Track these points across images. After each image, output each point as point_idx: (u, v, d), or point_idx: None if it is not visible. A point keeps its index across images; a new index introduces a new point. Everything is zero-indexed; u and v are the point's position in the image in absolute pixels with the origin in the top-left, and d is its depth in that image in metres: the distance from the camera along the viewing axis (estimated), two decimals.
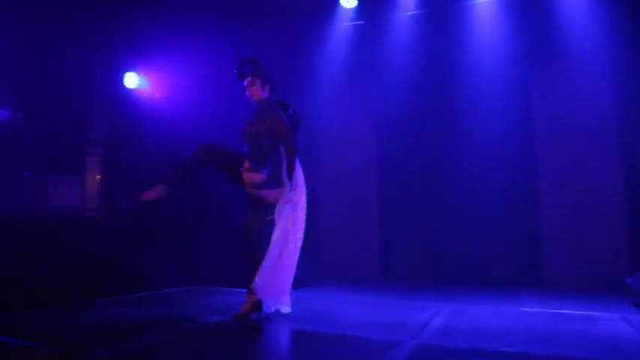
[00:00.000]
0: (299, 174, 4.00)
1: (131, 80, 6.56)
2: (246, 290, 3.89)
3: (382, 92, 6.86)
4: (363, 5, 6.59)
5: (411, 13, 6.49)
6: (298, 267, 5.59)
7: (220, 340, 3.28)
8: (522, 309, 4.37)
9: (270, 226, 3.95)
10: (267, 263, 3.79)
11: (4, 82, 6.17)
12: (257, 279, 3.75)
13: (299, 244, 3.99)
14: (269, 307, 3.83)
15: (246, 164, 3.87)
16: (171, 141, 6.43)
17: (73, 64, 6.29)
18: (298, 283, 5.48)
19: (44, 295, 4.15)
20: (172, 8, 6.25)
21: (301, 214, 3.96)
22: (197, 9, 6.23)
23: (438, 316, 3.97)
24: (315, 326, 3.60)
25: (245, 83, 4.01)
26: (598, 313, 4.13)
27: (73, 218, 6.38)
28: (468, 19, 6.23)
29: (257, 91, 4.01)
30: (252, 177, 3.85)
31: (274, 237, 3.86)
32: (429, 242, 6.23)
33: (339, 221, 6.76)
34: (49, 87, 6.22)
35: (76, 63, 6.32)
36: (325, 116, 7.09)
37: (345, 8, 6.73)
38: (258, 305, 3.81)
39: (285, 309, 3.91)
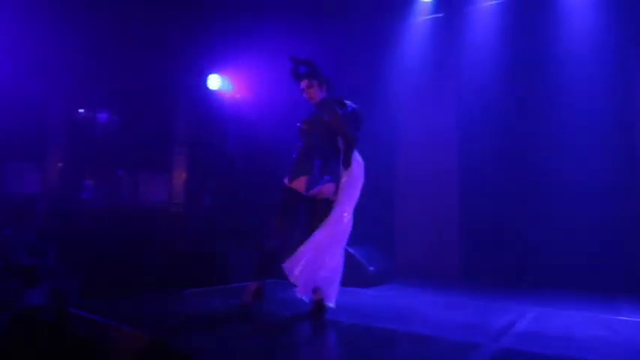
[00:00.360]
0: (353, 169, 3.91)
1: (214, 82, 6.85)
2: None
3: (463, 88, 6.62)
4: None
5: (493, 3, 6.22)
6: (377, 264, 5.58)
7: (297, 334, 3.33)
8: (621, 318, 4.03)
9: None
10: (303, 249, 3.75)
11: (103, 87, 6.70)
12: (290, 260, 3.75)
13: (336, 239, 3.83)
14: (301, 294, 3.81)
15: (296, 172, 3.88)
16: (253, 140, 6.66)
17: (161, 69, 6.69)
18: (377, 280, 5.47)
19: (136, 283, 4.44)
20: (252, 11, 6.44)
21: (341, 209, 3.84)
22: (276, 10, 6.37)
23: (522, 319, 3.77)
24: (393, 324, 3.55)
25: (302, 86, 3.98)
26: None
27: (161, 212, 6.79)
28: (557, 5, 5.85)
29: (315, 93, 3.98)
30: (301, 184, 3.86)
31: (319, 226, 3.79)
32: (513, 242, 5.92)
33: (419, 219, 6.61)
34: (140, 91, 6.65)
35: (164, 68, 6.72)
36: (403, 114, 6.97)
37: (423, 2, 6.58)
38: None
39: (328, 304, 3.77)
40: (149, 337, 1.71)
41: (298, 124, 4.01)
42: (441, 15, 6.65)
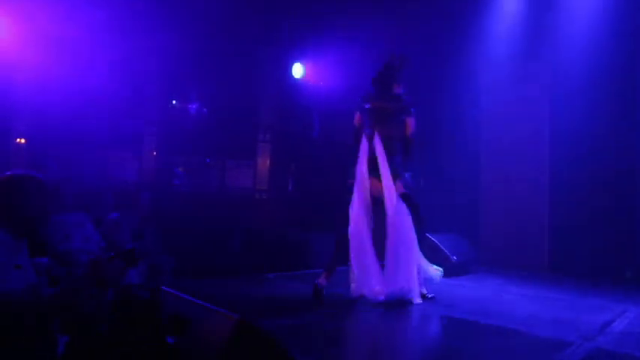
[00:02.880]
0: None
1: (298, 70, 6.94)
2: None
3: (555, 80, 6.12)
4: None
5: None
6: (460, 254, 5.43)
7: (374, 320, 3.34)
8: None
9: None
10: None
11: (194, 80, 7.05)
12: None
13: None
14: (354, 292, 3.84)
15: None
16: (335, 127, 6.70)
17: (248, 60, 6.90)
18: (460, 270, 5.33)
19: (223, 266, 4.67)
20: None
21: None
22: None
23: (620, 318, 3.51)
24: (476, 316, 3.46)
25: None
26: None
27: (247, 199, 7.06)
28: None
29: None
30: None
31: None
32: (609, 236, 5.48)
33: (507, 209, 6.32)
34: (227, 82, 6.91)
35: (251, 59, 6.92)
36: (489, 99, 6.65)
37: None
38: None
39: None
40: (237, 317, 1.80)
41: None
42: None
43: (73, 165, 5.36)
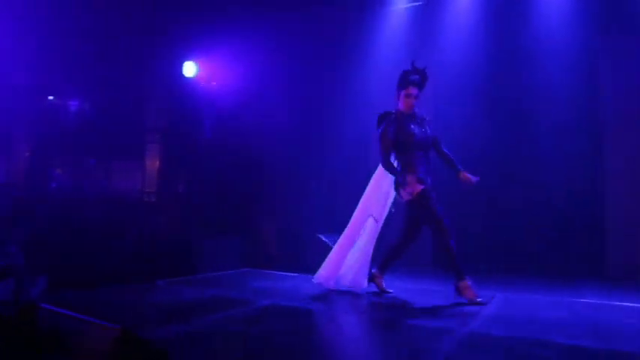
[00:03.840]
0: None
1: (189, 69, 6.73)
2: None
3: (440, 83, 6.58)
4: None
5: None
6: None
7: (269, 323, 3.36)
8: (583, 300, 4.19)
9: None
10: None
11: (74, 75, 6.54)
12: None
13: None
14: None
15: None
16: (228, 128, 6.61)
17: (135, 56, 6.56)
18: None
19: (107, 275, 4.40)
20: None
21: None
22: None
23: (490, 303, 3.88)
24: (361, 312, 3.62)
25: (412, 92, 4.12)
26: None
27: (134, 202, 6.71)
28: None
29: (415, 104, 4.17)
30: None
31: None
32: (481, 230, 6.05)
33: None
34: (113, 79, 6.52)
35: (138, 55, 6.59)
36: (382, 101, 6.94)
37: None
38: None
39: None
40: (119, 328, 1.72)
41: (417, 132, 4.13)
42: (419, 3, 6.56)
43: None
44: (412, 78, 4.10)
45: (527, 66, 5.90)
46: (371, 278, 4.36)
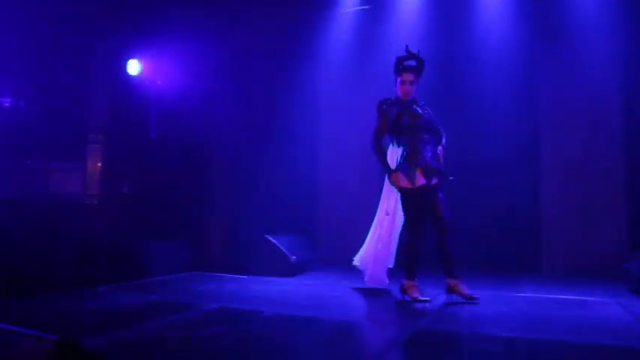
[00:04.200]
0: None
1: (133, 67, 6.51)
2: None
3: (387, 80, 6.72)
4: None
5: None
6: (299, 253, 5.66)
7: (214, 327, 3.31)
8: (521, 295, 4.39)
9: None
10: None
11: (7, 70, 6.19)
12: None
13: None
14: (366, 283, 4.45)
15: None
16: (174, 128, 6.45)
17: (75, 51, 6.28)
18: (299, 269, 5.55)
19: (45, 282, 4.20)
20: None
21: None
22: None
23: (435, 300, 3.99)
24: (315, 312, 3.64)
25: (407, 78, 4.02)
26: (595, 299, 4.17)
27: (74, 204, 6.42)
28: (476, 2, 6.13)
29: (414, 90, 4.06)
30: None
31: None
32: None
33: (344, 207, 6.68)
34: (51, 75, 6.22)
35: (78, 50, 6.32)
36: (330, 102, 7.02)
37: None
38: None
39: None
40: (56, 338, 1.64)
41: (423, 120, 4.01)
42: (367, 7, 6.67)
43: None
44: (407, 64, 4.01)
45: (468, 72, 6.12)
46: (403, 290, 4.07)
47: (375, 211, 4.55)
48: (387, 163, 4.01)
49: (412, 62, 4.00)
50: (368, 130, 6.63)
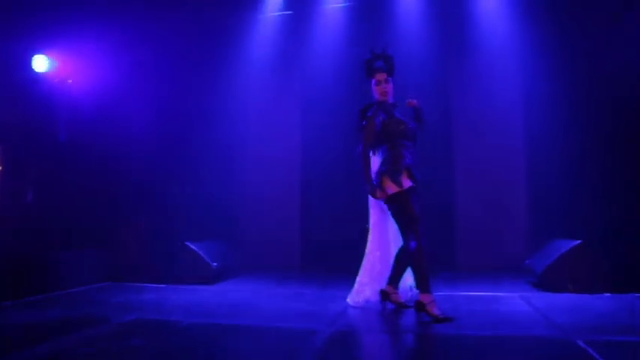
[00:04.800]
0: None
1: (40, 63, 6.03)
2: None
3: (308, 85, 6.85)
4: None
5: (340, 5, 6.50)
6: (220, 259, 5.57)
7: (129, 339, 3.18)
8: (438, 293, 4.59)
9: None
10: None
11: None
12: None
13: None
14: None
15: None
16: (87, 131, 6.09)
17: None
18: (220, 276, 5.46)
19: None
20: None
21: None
22: None
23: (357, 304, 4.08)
24: (233, 319, 3.60)
25: (381, 77, 3.90)
26: (500, 294, 4.49)
27: None
28: (395, 12, 6.37)
29: (390, 91, 3.92)
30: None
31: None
32: (347, 233, 6.38)
33: (264, 214, 6.72)
34: None
35: None
36: (249, 106, 6.98)
37: None
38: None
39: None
40: None
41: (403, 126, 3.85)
42: (290, 12, 6.70)
43: None
44: (376, 65, 3.94)
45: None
46: (384, 296, 3.95)
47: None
48: (370, 175, 3.82)
49: (380, 63, 3.95)
50: (291, 131, 6.82)
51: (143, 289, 4.96)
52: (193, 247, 5.30)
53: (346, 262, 5.92)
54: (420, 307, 3.50)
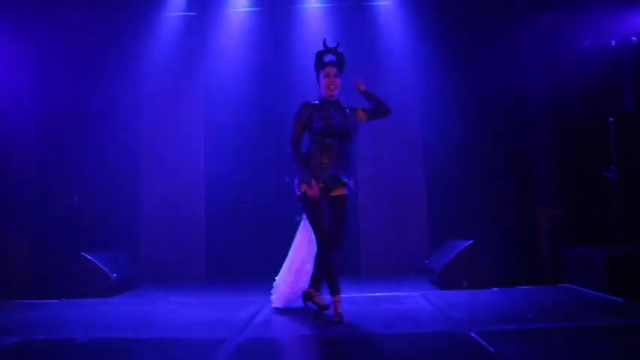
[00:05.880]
0: None
1: None
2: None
3: (210, 89, 6.77)
4: None
5: (245, 9, 6.54)
6: (120, 270, 5.28)
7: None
8: (345, 295, 4.71)
9: None
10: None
11: None
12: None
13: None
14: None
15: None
16: None
17: None
18: (121, 287, 5.17)
19: None
20: None
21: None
22: None
23: (264, 308, 4.09)
24: (137, 333, 3.42)
25: (331, 71, 3.76)
26: (404, 293, 4.73)
27: None
28: (298, 21, 6.52)
29: (339, 85, 3.79)
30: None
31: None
32: (255, 234, 6.39)
33: (167, 223, 6.48)
34: None
35: None
36: (149, 110, 6.72)
37: None
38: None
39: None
40: None
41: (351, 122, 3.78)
42: (193, 14, 6.63)
43: None
44: (327, 58, 3.80)
45: (299, 86, 6.41)
46: (306, 297, 4.00)
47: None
48: (305, 171, 3.66)
49: (332, 57, 3.84)
50: (194, 130, 6.66)
51: (30, 307, 4.51)
52: (90, 257, 4.97)
53: (255, 265, 5.97)
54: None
